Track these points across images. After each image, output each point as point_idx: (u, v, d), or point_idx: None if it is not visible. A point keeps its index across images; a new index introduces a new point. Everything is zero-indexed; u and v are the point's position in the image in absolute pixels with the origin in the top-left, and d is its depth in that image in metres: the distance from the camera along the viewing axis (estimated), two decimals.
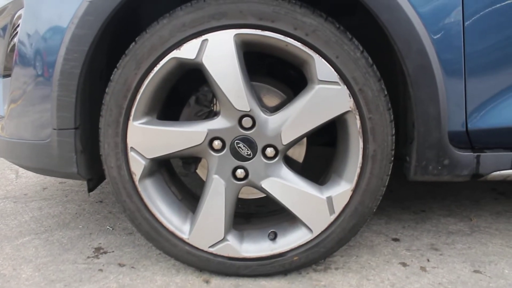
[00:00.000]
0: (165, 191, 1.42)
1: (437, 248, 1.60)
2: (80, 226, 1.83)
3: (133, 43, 1.26)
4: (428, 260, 1.52)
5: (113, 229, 1.80)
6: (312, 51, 1.22)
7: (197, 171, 1.51)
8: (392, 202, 2.04)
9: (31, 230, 1.81)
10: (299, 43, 1.22)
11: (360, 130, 1.27)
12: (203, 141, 1.30)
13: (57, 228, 1.82)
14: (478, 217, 1.87)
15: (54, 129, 1.32)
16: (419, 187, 2.23)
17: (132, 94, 1.27)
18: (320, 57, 1.22)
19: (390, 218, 1.87)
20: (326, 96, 1.24)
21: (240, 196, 1.40)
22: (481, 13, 1.22)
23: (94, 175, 1.44)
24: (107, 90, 1.29)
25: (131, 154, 1.32)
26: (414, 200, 2.08)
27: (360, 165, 1.29)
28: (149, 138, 1.31)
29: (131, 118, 1.30)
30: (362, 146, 1.28)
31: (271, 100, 1.39)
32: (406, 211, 1.94)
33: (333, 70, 1.23)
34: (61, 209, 2.04)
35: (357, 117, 1.26)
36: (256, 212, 1.79)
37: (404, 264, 1.49)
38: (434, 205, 2.01)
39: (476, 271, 1.44)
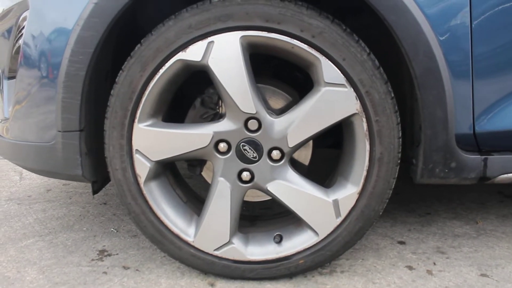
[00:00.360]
0: (170, 194, 1.41)
1: (443, 251, 1.59)
2: (84, 228, 1.83)
3: (139, 45, 1.25)
4: (434, 264, 1.51)
5: (117, 231, 1.80)
6: (318, 53, 1.21)
7: (203, 173, 1.50)
8: (398, 204, 2.03)
9: (35, 232, 1.80)
10: (306, 45, 1.21)
11: (367, 133, 1.26)
12: (209, 144, 1.29)
13: (61, 230, 1.82)
14: (484, 220, 1.86)
15: (59, 131, 1.32)
16: (424, 189, 2.22)
17: (138, 96, 1.27)
18: (327, 59, 1.22)
19: (396, 221, 1.86)
20: (333, 99, 1.24)
21: (245, 198, 1.39)
22: (489, 14, 1.21)
23: (99, 177, 1.43)
24: (112, 92, 1.29)
25: (136, 157, 1.32)
26: (420, 202, 2.07)
27: (367, 168, 1.28)
28: (154, 141, 1.30)
29: (136, 120, 1.29)
30: (368, 149, 1.27)
31: (277, 103, 1.39)
32: (411, 214, 1.93)
33: (339, 72, 1.22)
34: (65, 211, 2.03)
35: (364, 119, 1.25)
36: (261, 215, 1.79)
37: (410, 268, 1.48)
38: (440, 208, 1.99)
39: (483, 275, 1.43)
